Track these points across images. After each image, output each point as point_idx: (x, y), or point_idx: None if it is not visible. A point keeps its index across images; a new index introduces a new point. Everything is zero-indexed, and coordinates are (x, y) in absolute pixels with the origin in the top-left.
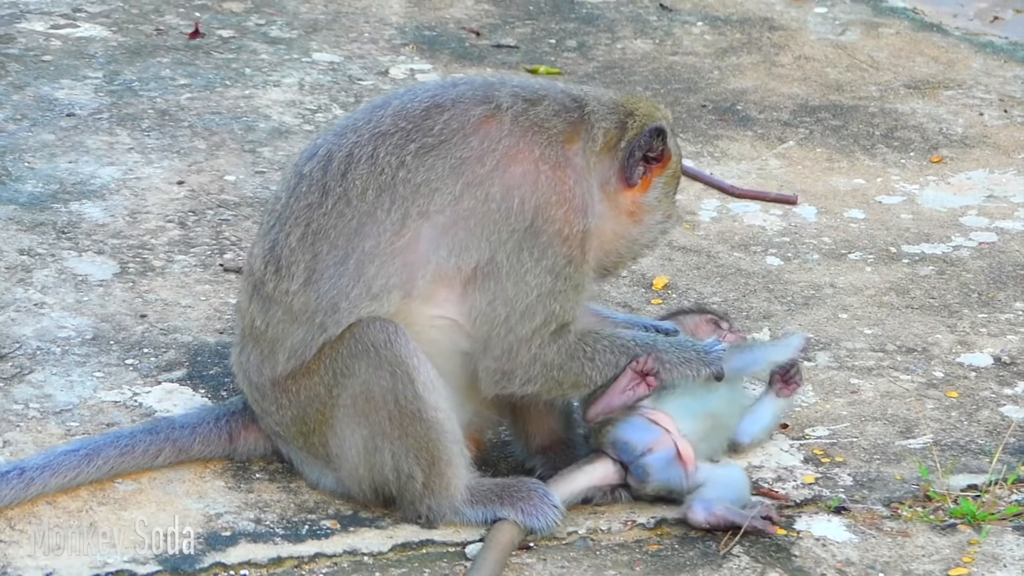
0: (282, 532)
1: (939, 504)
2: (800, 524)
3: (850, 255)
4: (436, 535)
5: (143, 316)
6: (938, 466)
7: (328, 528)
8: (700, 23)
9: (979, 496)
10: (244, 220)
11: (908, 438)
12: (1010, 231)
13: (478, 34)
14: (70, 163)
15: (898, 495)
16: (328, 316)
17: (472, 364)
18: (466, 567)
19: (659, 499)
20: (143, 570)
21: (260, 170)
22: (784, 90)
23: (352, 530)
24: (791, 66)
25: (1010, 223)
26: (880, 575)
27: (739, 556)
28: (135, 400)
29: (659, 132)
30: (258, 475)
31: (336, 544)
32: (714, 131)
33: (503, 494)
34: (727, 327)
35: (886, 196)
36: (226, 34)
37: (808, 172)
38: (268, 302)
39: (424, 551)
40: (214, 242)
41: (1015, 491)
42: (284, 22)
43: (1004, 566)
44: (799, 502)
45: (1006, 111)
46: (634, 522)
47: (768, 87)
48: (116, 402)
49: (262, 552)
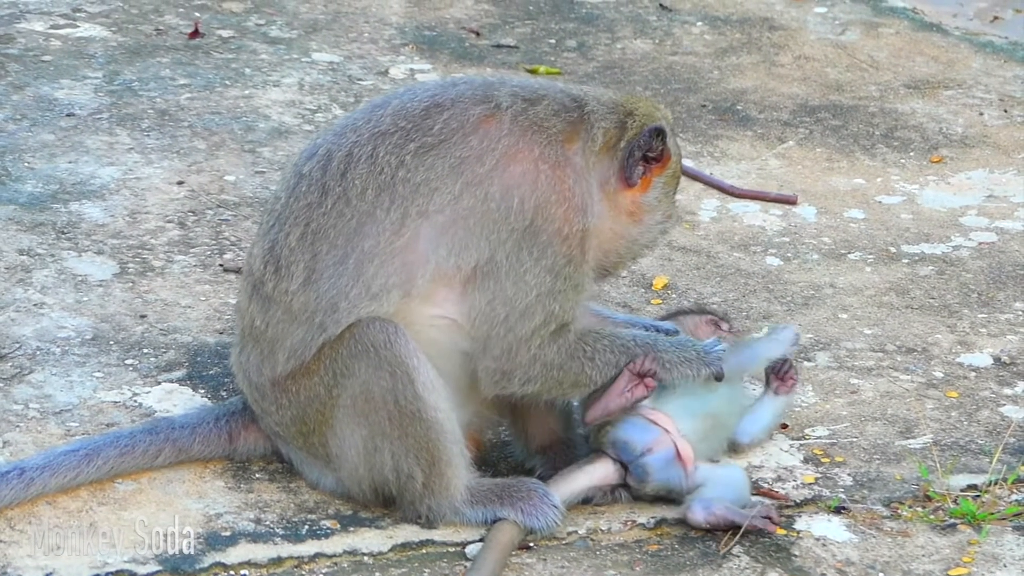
0: (282, 532)
1: (939, 504)
2: (800, 524)
3: (850, 255)
4: (436, 535)
5: (143, 316)
6: (938, 466)
7: (328, 528)
8: (700, 23)
9: (979, 496)
10: (244, 220)
11: (908, 438)
12: (1010, 231)
13: (478, 34)
14: (70, 163)
15: (898, 495)
16: (327, 316)
17: (472, 364)
18: (466, 567)
19: (659, 499)
20: (143, 570)
21: (260, 170)
22: (784, 90)
23: (352, 530)
24: (791, 66)
25: (1010, 223)
26: (880, 575)
27: (739, 556)
28: (135, 400)
29: (659, 132)
30: (258, 475)
31: (336, 544)
32: (714, 131)
33: (503, 494)
34: (727, 327)
35: (886, 196)
36: (226, 34)
37: (808, 172)
38: (268, 302)
39: (424, 551)
40: (214, 242)
41: (1015, 491)
42: (284, 22)
43: (1004, 566)
44: (799, 502)
45: (1006, 111)
46: (634, 522)
47: (768, 87)
48: (116, 402)
49: (262, 552)
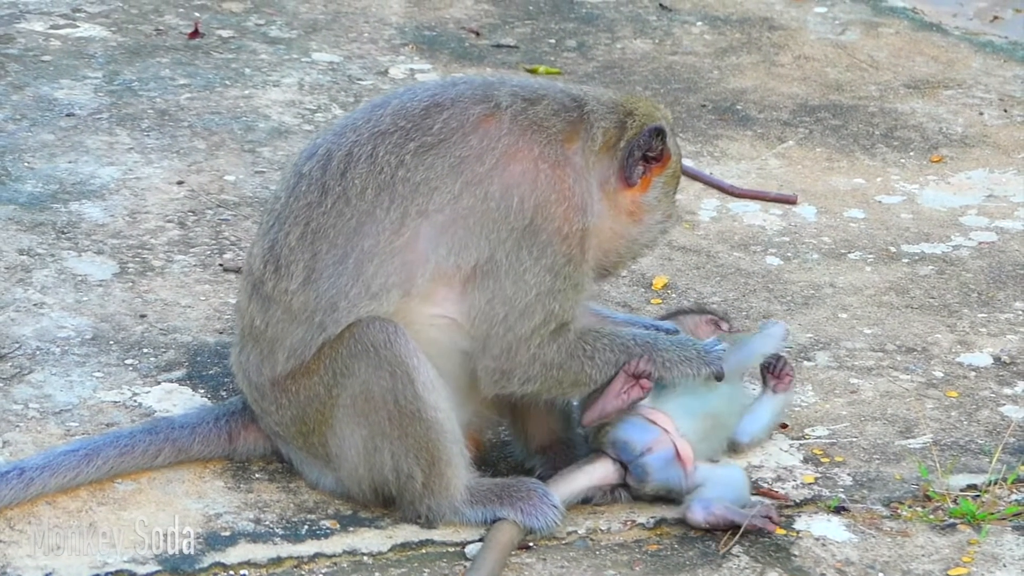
0: (282, 532)
1: (939, 504)
2: (800, 524)
3: (850, 255)
4: (436, 535)
5: (143, 316)
6: (938, 466)
7: (328, 528)
8: (700, 23)
9: (979, 496)
10: (244, 220)
11: (908, 438)
12: (1010, 231)
13: (478, 34)
14: (70, 163)
15: (898, 495)
16: (327, 315)
17: (471, 363)
18: (466, 567)
19: (659, 499)
20: (143, 570)
21: (260, 170)
22: (784, 90)
23: (352, 530)
24: (791, 66)
25: (1010, 223)
26: (880, 575)
27: (739, 556)
28: (135, 400)
29: (658, 132)
30: (258, 475)
31: (336, 544)
32: (714, 131)
33: (503, 494)
34: (727, 327)
35: (886, 196)
36: (226, 34)
37: (808, 172)
38: (267, 301)
39: (424, 551)
40: (214, 242)
41: (1015, 491)
42: (284, 22)
43: (1004, 566)
44: (799, 502)
45: (1006, 111)
46: (634, 522)
47: (768, 87)
48: (116, 402)
49: (262, 552)
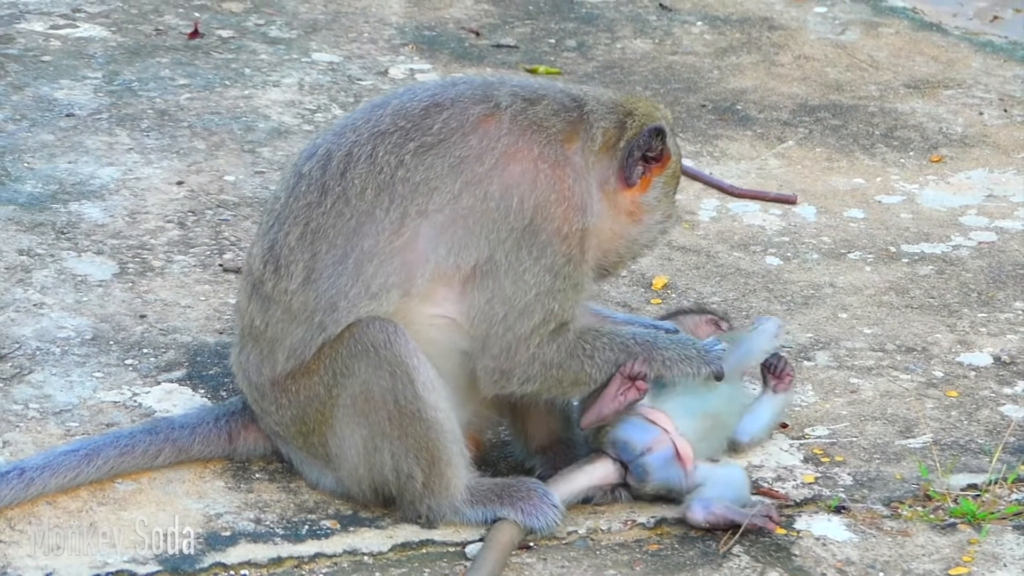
0: (282, 532)
1: (939, 503)
2: (800, 523)
3: (850, 255)
4: (436, 535)
5: (143, 316)
6: (938, 465)
7: (328, 528)
8: (700, 23)
9: (979, 495)
10: (243, 220)
11: (908, 437)
12: (1010, 230)
13: (478, 34)
14: (69, 163)
15: (898, 494)
16: (327, 315)
17: (471, 363)
18: (466, 567)
19: (659, 498)
20: (143, 570)
21: (259, 170)
22: (784, 90)
23: (352, 530)
24: (791, 66)
25: (1010, 222)
26: (880, 574)
27: (739, 556)
28: (135, 400)
29: (658, 132)
30: (258, 475)
31: (336, 544)
32: (713, 131)
33: (503, 494)
34: (727, 327)
35: (886, 196)
36: (225, 34)
37: (807, 172)
38: (267, 302)
39: (424, 551)
40: (213, 242)
41: (1015, 490)
42: (283, 22)
43: (1004, 565)
44: (799, 501)
45: (1006, 110)
46: (634, 522)
47: (768, 87)
48: (116, 402)
49: (262, 552)
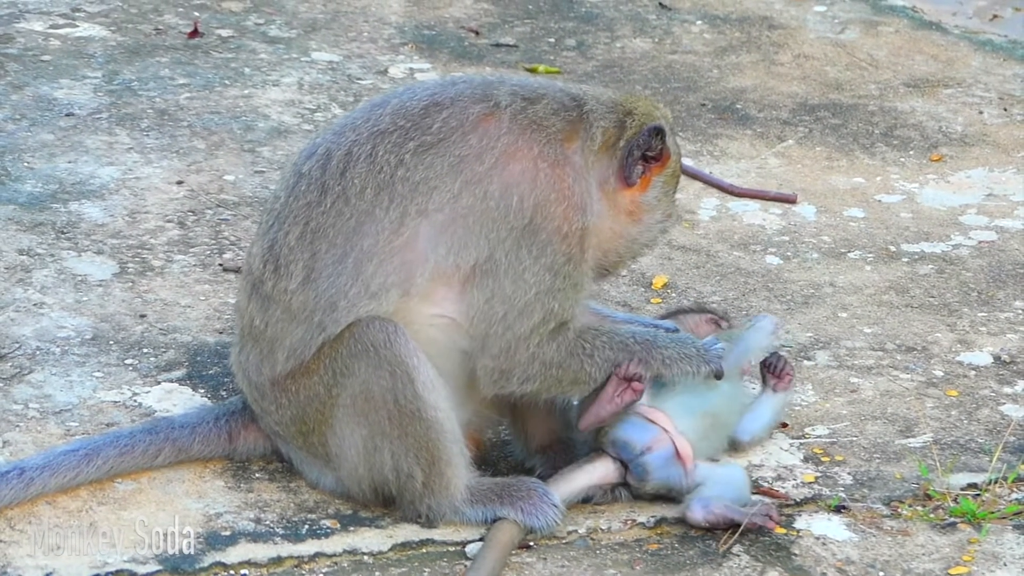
0: (282, 532)
1: (939, 503)
2: (800, 523)
3: (850, 254)
4: (436, 534)
5: (142, 316)
6: (938, 465)
7: (328, 528)
8: (699, 22)
9: (979, 495)
10: (243, 220)
11: (908, 437)
12: (1010, 230)
13: (477, 33)
14: (69, 163)
15: (898, 494)
16: (327, 315)
17: (471, 363)
18: (466, 566)
19: (659, 498)
20: (143, 570)
21: (259, 170)
22: (783, 89)
23: (352, 529)
24: (790, 65)
25: (1010, 222)
26: (880, 574)
27: (739, 555)
28: (135, 400)
29: (658, 131)
30: (258, 475)
31: (336, 544)
32: (713, 130)
33: (503, 493)
34: (727, 326)
35: (886, 195)
36: (225, 33)
37: (807, 171)
38: (267, 301)
39: (424, 550)
40: (213, 242)
41: (1015, 490)
42: (283, 21)
43: (1004, 565)
44: (799, 501)
45: (1005, 109)
46: (634, 521)
47: (767, 86)
48: (116, 402)
49: (262, 552)
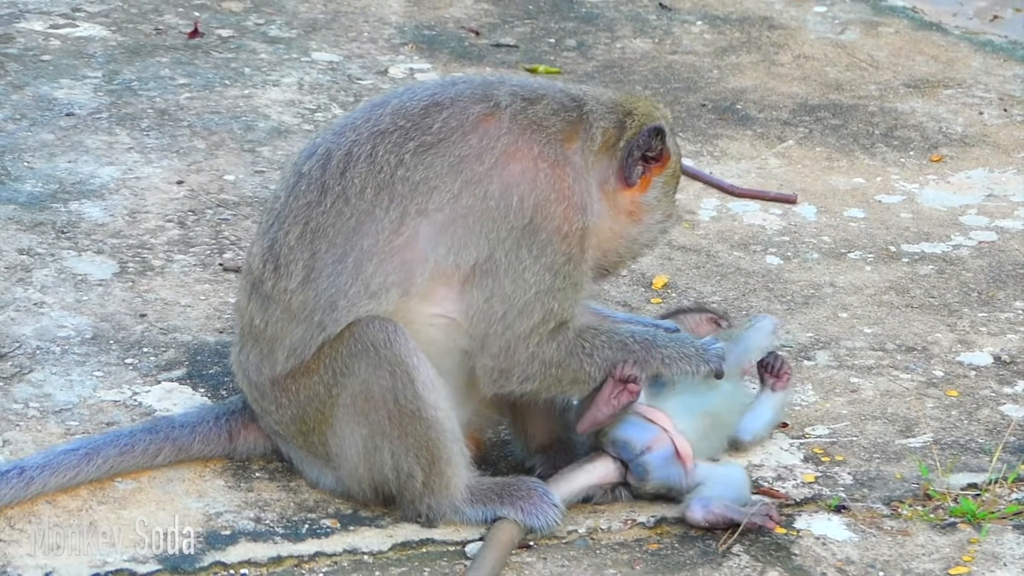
0: (282, 531)
1: (939, 503)
2: (800, 523)
3: (850, 254)
4: (436, 534)
5: (143, 315)
6: (938, 465)
7: (328, 527)
8: (699, 22)
9: (979, 495)
10: (243, 219)
11: (908, 437)
12: (1010, 230)
13: (477, 33)
14: (69, 163)
15: (898, 494)
16: (326, 314)
17: (471, 362)
18: (466, 566)
19: (659, 497)
20: (143, 569)
21: (259, 169)
22: (784, 89)
23: (352, 529)
24: (791, 65)
25: (1010, 222)
26: (880, 574)
27: (739, 555)
28: (135, 399)
29: (658, 131)
30: (258, 474)
31: (336, 543)
32: (713, 130)
33: (503, 493)
34: (727, 326)
35: (886, 195)
36: (225, 33)
37: (808, 171)
38: (267, 301)
39: (424, 550)
40: (213, 241)
41: (1015, 490)
42: (283, 21)
43: (1004, 565)
44: (799, 501)
45: (1006, 110)
46: (634, 521)
47: (768, 86)
48: (116, 401)
49: (262, 551)
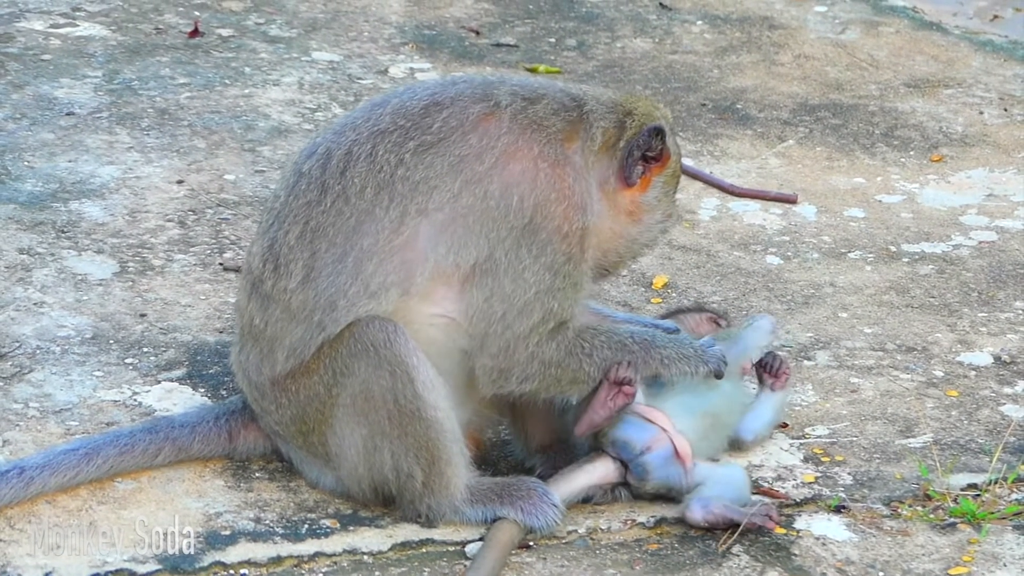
0: (282, 531)
1: (939, 503)
2: (800, 523)
3: (850, 254)
4: (436, 534)
5: (143, 315)
6: (938, 465)
7: (328, 527)
8: (700, 22)
9: (979, 495)
10: (244, 219)
11: (908, 437)
12: (1010, 230)
13: (478, 33)
14: (70, 162)
15: (898, 494)
16: (326, 314)
17: (471, 362)
18: (466, 566)
19: (659, 498)
20: (143, 569)
21: (260, 169)
22: (784, 89)
23: (352, 529)
24: (791, 65)
25: (1010, 222)
26: (880, 574)
27: (739, 555)
28: (135, 399)
29: (658, 131)
30: (258, 474)
31: (336, 543)
32: (714, 130)
33: (503, 493)
34: (726, 325)
35: (886, 195)
36: (225, 33)
37: (808, 171)
38: (267, 300)
39: (424, 550)
40: (214, 241)
41: (1015, 490)
42: (284, 21)
43: (1004, 565)
44: (799, 501)
45: (1006, 110)
46: (634, 521)
47: (768, 86)
48: (116, 401)
49: (262, 551)
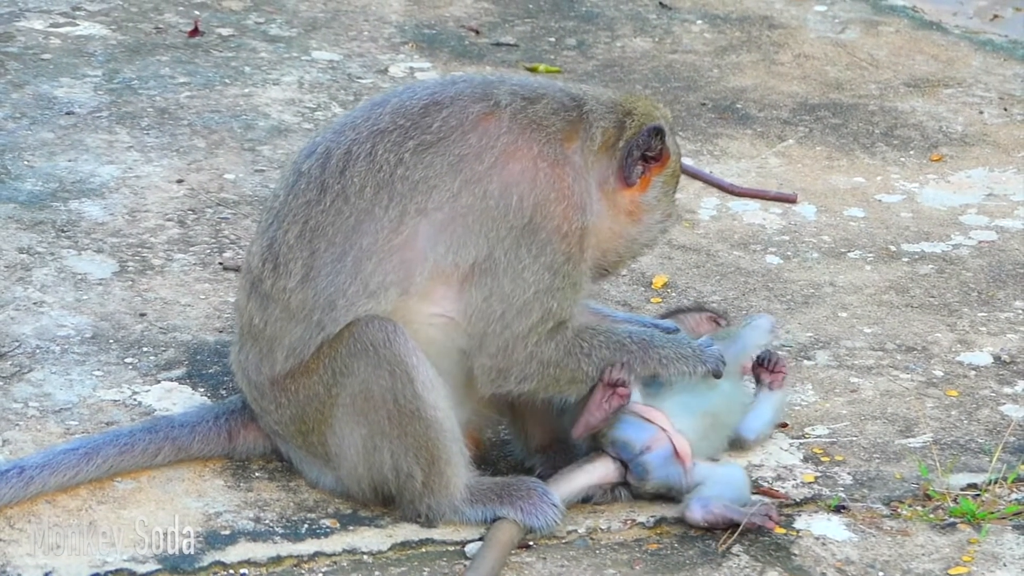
0: (281, 531)
1: (939, 503)
2: (800, 523)
3: (850, 254)
4: (435, 534)
5: (142, 315)
6: (938, 465)
7: (327, 527)
8: (700, 21)
9: (979, 495)
10: (243, 218)
11: (908, 437)
12: (1010, 229)
13: (477, 32)
14: (69, 162)
15: (898, 494)
16: (326, 314)
17: (470, 362)
18: (465, 566)
19: (659, 497)
20: (142, 569)
21: (259, 168)
22: (784, 88)
23: (351, 529)
24: (791, 64)
25: (1010, 221)
26: (880, 574)
27: (739, 555)
28: (134, 399)
29: (657, 131)
30: (257, 474)
31: (335, 543)
32: (713, 129)
33: (503, 493)
34: (726, 325)
35: (886, 195)
36: (225, 32)
37: (808, 170)
38: (266, 300)
39: (423, 550)
40: (213, 240)
41: (1015, 490)
42: (283, 20)
43: (1004, 565)
44: (799, 501)
45: (1006, 109)
46: (634, 521)
47: (768, 85)
48: (115, 401)
49: (261, 551)
